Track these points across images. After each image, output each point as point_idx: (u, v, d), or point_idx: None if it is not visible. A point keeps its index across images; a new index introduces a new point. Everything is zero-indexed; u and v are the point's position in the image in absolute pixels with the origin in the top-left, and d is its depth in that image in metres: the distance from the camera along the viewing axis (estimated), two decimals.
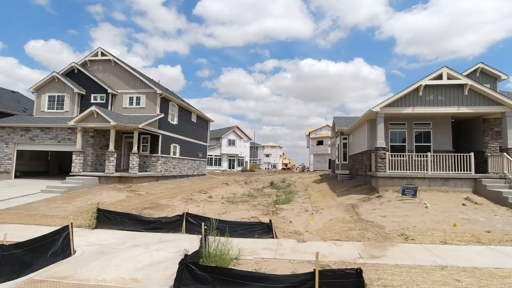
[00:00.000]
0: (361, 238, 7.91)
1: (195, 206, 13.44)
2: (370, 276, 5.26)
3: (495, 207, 10.61)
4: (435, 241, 7.60)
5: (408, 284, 4.93)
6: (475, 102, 12.56)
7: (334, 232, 8.47)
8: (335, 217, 10.30)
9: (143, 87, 19.12)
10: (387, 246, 7.22)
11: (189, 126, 24.27)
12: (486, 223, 9.10)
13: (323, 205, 12.58)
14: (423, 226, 8.88)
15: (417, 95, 12.81)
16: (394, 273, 5.40)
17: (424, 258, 6.23)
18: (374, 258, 6.28)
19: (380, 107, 12.78)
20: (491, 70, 14.88)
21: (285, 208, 12.07)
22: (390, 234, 8.22)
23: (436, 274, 5.35)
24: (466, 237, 7.91)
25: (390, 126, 14.39)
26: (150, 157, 19.13)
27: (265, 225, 8.12)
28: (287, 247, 7.12)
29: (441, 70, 12.60)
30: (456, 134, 16.15)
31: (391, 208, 10.84)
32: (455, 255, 6.42)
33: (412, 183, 12.56)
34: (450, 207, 10.70)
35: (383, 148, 12.86)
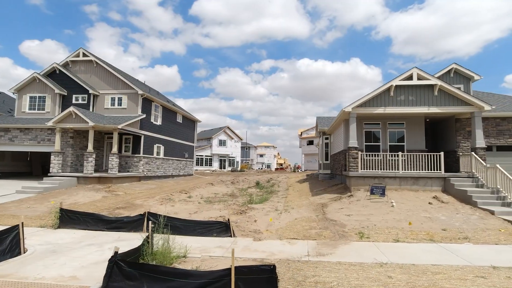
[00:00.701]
0: (318, 236, 8.03)
1: (170, 206, 13.54)
2: (307, 273, 5.39)
3: (460, 206, 10.77)
4: (388, 239, 7.73)
5: (340, 280, 5.05)
6: (445, 102, 12.72)
7: (294, 231, 8.59)
8: (302, 216, 10.42)
9: (124, 87, 19.19)
10: (340, 244, 7.35)
11: (174, 126, 24.34)
12: (446, 221, 9.25)
13: (295, 205, 12.71)
14: (383, 225, 9.02)
15: (388, 95, 12.97)
16: (332, 270, 5.52)
17: (369, 255, 6.36)
18: (320, 256, 6.39)
19: (352, 107, 12.92)
20: (464, 71, 15.05)
21: (256, 208, 12.18)
22: (348, 233, 8.35)
23: (372, 271, 5.48)
24: (421, 235, 8.05)
25: (365, 126, 14.54)
26: (132, 158, 19.19)
27: (223, 224, 8.22)
28: (240, 246, 7.22)
29: (411, 70, 12.76)
30: (433, 133, 16.35)
31: (358, 207, 10.98)
32: (400, 253, 6.56)
33: (383, 182, 12.71)
34: (416, 206, 10.86)
35: (355, 148, 13.00)
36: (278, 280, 4.10)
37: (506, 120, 13.74)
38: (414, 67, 12.79)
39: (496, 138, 13.78)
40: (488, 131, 13.87)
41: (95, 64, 19.67)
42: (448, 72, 15.32)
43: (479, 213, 9.86)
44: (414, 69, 12.76)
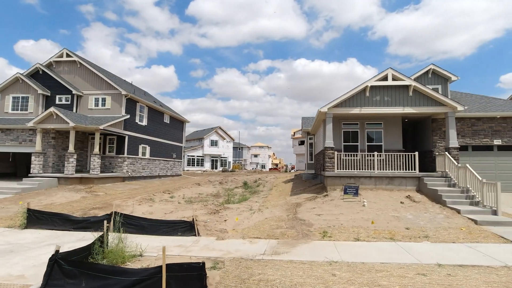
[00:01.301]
0: (281, 236, 8.11)
1: (148, 206, 13.58)
2: (254, 271, 5.47)
3: (430, 205, 10.90)
4: (350, 238, 7.82)
5: (283, 278, 5.14)
6: (419, 103, 12.85)
7: (260, 231, 8.66)
8: (273, 216, 10.50)
9: (108, 88, 19.21)
10: (300, 243, 7.43)
11: (161, 127, 24.37)
12: (412, 220, 9.36)
13: (270, 204, 12.79)
14: (350, 224, 9.11)
15: (364, 95, 13.08)
16: (280, 269, 5.60)
17: (323, 254, 6.44)
18: (275, 255, 6.47)
19: (328, 108, 13.02)
20: (442, 72, 15.20)
21: (232, 208, 12.26)
22: (312, 232, 8.44)
23: (319, 269, 5.56)
24: (384, 234, 8.15)
25: (343, 126, 14.64)
26: (116, 158, 19.21)
27: (188, 223, 8.30)
28: (201, 245, 7.30)
29: (387, 71, 12.89)
30: (412, 134, 16.50)
31: (330, 207, 11.07)
32: (355, 252, 6.65)
33: (359, 182, 12.83)
34: (387, 206, 10.97)
35: (332, 148, 13.10)
36: (207, 277, 4.18)
37: (481, 120, 13.89)
38: (389, 67, 12.91)
39: (471, 138, 13.93)
40: (464, 131, 14.02)
41: (78, 65, 19.68)
42: (426, 73, 15.47)
43: (446, 212, 9.98)
44: (389, 69, 12.88)
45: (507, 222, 8.71)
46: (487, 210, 9.57)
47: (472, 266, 5.65)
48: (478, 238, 7.62)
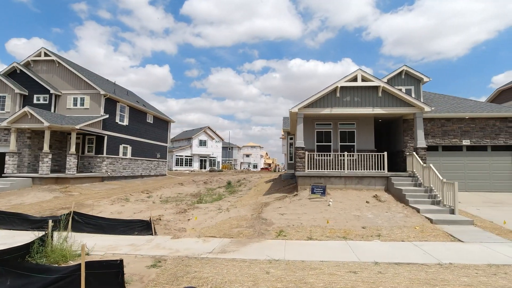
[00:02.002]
0: (237, 235, 8.19)
1: (120, 205, 13.59)
2: (191, 269, 5.54)
3: (394, 204, 11.05)
4: (303, 237, 7.92)
5: (216, 276, 5.22)
6: (388, 103, 13.02)
7: (218, 230, 8.74)
8: (238, 215, 10.57)
9: (87, 87, 19.15)
10: (252, 242, 7.51)
11: (143, 127, 24.34)
12: (371, 219, 9.49)
13: (241, 204, 12.87)
14: (309, 223, 9.21)
15: (335, 96, 13.21)
16: (218, 267, 5.67)
17: (268, 253, 6.51)
18: (222, 253, 6.55)
19: (298, 108, 13.14)
20: (414, 73, 15.40)
21: (201, 207, 12.32)
22: (269, 231, 8.52)
23: (256, 267, 5.65)
24: (339, 233, 8.27)
25: (317, 126, 14.77)
26: (95, 158, 19.16)
27: (145, 222, 8.35)
28: (153, 244, 7.35)
29: (356, 72, 13.04)
30: (386, 134, 16.69)
31: (296, 206, 11.18)
32: (302, 250, 6.74)
33: (329, 181, 12.97)
34: (352, 205, 11.10)
35: (302, 148, 13.22)
36: (124, 274, 4.25)
37: (450, 121, 14.11)
38: (359, 69, 13.07)
39: (441, 138, 14.14)
40: (434, 132, 14.22)
41: (57, 64, 19.58)
42: (400, 74, 15.66)
43: (407, 211, 10.14)
44: (358, 70, 13.03)
45: (461, 221, 8.88)
46: (446, 209, 9.75)
47: (407, 264, 5.77)
48: (428, 237, 7.76)
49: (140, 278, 5.24)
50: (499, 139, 13.86)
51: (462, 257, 6.10)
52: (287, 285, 4.82)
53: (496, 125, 13.92)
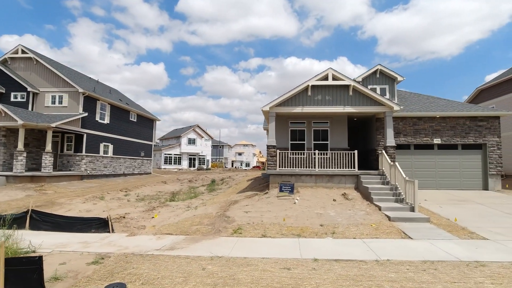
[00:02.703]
0: (194, 232, 8.25)
1: (92, 204, 13.59)
2: (131, 266, 5.58)
3: (360, 202, 11.17)
4: (258, 234, 8.00)
5: (152, 272, 5.27)
6: (359, 102, 13.12)
7: (178, 227, 8.78)
8: (204, 213, 10.62)
9: (65, 85, 19.05)
10: (205, 239, 7.57)
11: (126, 125, 24.27)
12: (332, 217, 9.59)
13: (212, 202, 12.93)
14: (270, 221, 9.29)
15: (306, 94, 13.29)
16: (157, 263, 5.72)
17: (215, 250, 6.55)
18: (169, 250, 6.60)
19: (269, 107, 13.20)
20: (389, 72, 15.54)
21: (171, 205, 12.37)
22: (227, 228, 8.59)
23: (196, 264, 5.70)
24: (295, 230, 8.34)
25: (291, 125, 14.85)
26: (74, 156, 19.09)
27: (102, 220, 8.38)
28: (106, 241, 7.38)
29: (327, 71, 13.12)
30: (361, 132, 16.83)
31: (263, 204, 11.26)
32: (250, 247, 6.81)
33: (300, 180, 13.07)
34: (318, 203, 11.20)
35: (274, 146, 13.29)
36: (43, 270, 4.29)
37: (422, 119, 14.26)
38: (330, 67, 13.15)
39: (413, 137, 14.29)
40: (406, 130, 14.36)
41: (35, 62, 19.43)
42: (375, 73, 15.79)
43: (369, 209, 10.26)
44: (329, 69, 13.12)
45: (418, 219, 9.01)
46: (407, 207, 9.88)
47: (346, 261, 5.86)
48: (381, 234, 7.88)
49: (76, 274, 5.27)
50: (469, 138, 14.05)
51: (403, 254, 6.20)
52: (216, 281, 4.88)
53: (466, 124, 14.10)
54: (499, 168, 13.89)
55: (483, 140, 14.00)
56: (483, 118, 14.07)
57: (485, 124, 14.04)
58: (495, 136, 13.98)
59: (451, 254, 6.13)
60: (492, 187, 13.80)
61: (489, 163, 13.87)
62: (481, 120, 14.08)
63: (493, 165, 13.86)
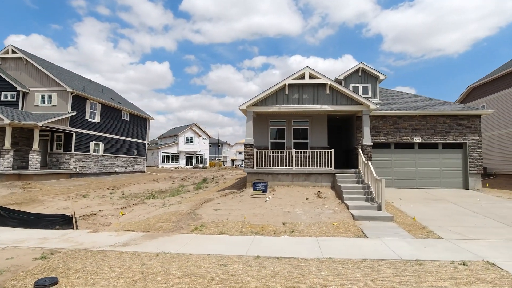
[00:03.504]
0: (157, 229, 8.39)
1: (72, 201, 13.84)
2: (73, 261, 5.73)
3: (331, 201, 11.18)
4: (216, 231, 8.09)
5: (92, 267, 5.42)
6: (336, 101, 13.12)
7: (142, 224, 8.92)
8: (175, 210, 10.75)
9: (54, 85, 19.36)
10: (164, 236, 7.70)
11: (118, 124, 24.55)
12: (298, 216, 9.63)
13: (189, 200, 13.06)
14: (235, 219, 9.37)
15: (283, 93, 13.33)
16: (101, 259, 5.86)
17: (167, 246, 6.68)
18: (122, 246, 6.74)
19: (246, 105, 13.27)
20: (370, 70, 15.48)
21: (146, 203, 12.55)
22: (190, 226, 8.70)
23: (138, 259, 5.82)
24: (255, 228, 8.42)
25: (271, 124, 14.90)
26: (64, 155, 19.41)
27: (67, 217, 8.57)
28: (65, 237, 7.56)
29: (304, 70, 13.13)
30: (343, 131, 16.80)
31: (235, 203, 11.35)
32: (202, 244, 6.91)
33: (277, 178, 13.13)
34: (290, 201, 11.24)
35: (251, 144, 13.37)
36: None
37: (402, 118, 14.17)
38: (306, 66, 13.16)
39: (393, 135, 14.22)
40: (386, 129, 14.30)
41: (25, 62, 19.79)
42: (357, 71, 15.74)
43: (338, 208, 10.28)
44: (306, 68, 13.13)
45: (382, 218, 9.01)
46: (375, 206, 9.89)
47: (288, 258, 5.91)
48: (338, 233, 7.91)
49: (17, 269, 5.42)
50: (449, 137, 13.93)
51: (348, 252, 6.24)
52: (147, 275, 4.99)
53: (446, 123, 13.98)
54: (480, 167, 13.76)
55: (463, 139, 13.88)
56: (463, 117, 13.94)
57: (466, 123, 13.91)
58: (475, 135, 13.84)
59: (395, 253, 6.14)
60: (473, 186, 13.68)
61: (469, 162, 13.75)
62: (462, 118, 13.95)
63: (474, 164, 13.74)
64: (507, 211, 9.82)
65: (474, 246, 6.56)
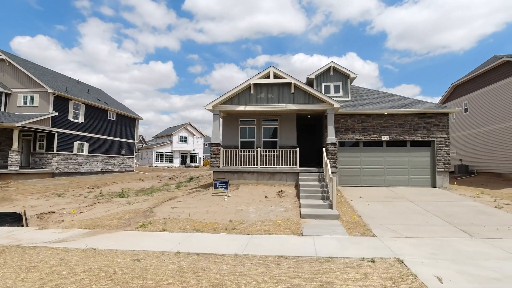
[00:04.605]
0: (104, 226, 8.58)
1: (44, 200, 14.14)
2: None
3: (289, 199, 11.28)
4: (159, 229, 8.26)
5: (10, 262, 5.63)
6: (301, 100, 13.20)
7: (93, 222, 9.13)
8: (135, 208, 10.96)
9: (36, 86, 19.75)
10: (106, 233, 7.89)
11: (104, 124, 24.91)
12: (248, 213, 9.74)
13: (155, 198, 13.26)
14: (185, 217, 9.51)
15: (249, 93, 13.45)
16: (29, 254, 6.10)
17: (102, 242, 6.88)
18: (57, 243, 6.96)
19: (212, 105, 13.42)
20: (341, 69, 15.50)
21: (113, 201, 12.81)
22: (139, 223, 8.87)
23: (60, 255, 6.03)
24: (198, 226, 8.56)
25: (241, 123, 15.01)
26: (46, 155, 19.80)
27: (17, 215, 8.82)
28: (9, 234, 7.78)
29: (268, 69, 13.23)
30: (318, 130, 16.85)
31: (195, 201, 11.52)
32: (134, 240, 7.10)
33: (242, 177, 13.28)
34: (248, 200, 11.37)
35: (217, 144, 13.52)
36: None
37: (370, 116, 14.17)
38: (271, 66, 13.26)
39: (361, 134, 14.22)
40: (355, 127, 14.30)
41: (7, 63, 20.22)
42: (328, 70, 15.78)
43: (292, 206, 10.38)
44: (270, 67, 13.23)
45: (329, 216, 9.10)
46: (327, 204, 9.97)
47: (206, 254, 6.05)
48: (277, 231, 8.00)
49: None
50: (417, 135, 13.90)
51: (269, 249, 6.35)
52: (57, 270, 5.19)
53: (414, 121, 13.95)
54: (447, 165, 13.71)
55: (431, 137, 13.84)
56: (431, 115, 13.90)
57: (434, 121, 13.87)
58: (443, 133, 13.80)
59: (316, 251, 6.24)
60: (440, 184, 13.65)
61: (437, 160, 13.71)
62: (430, 117, 13.91)
63: (441, 162, 13.70)
64: (459, 210, 9.83)
65: (400, 244, 6.62)
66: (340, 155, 14.25)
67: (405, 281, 4.64)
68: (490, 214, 9.30)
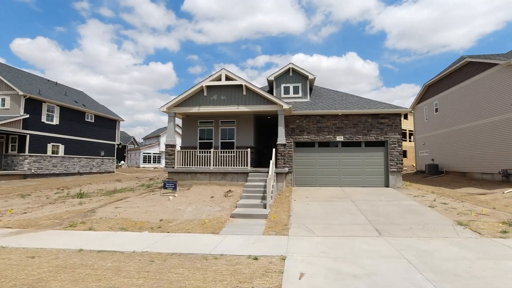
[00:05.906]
0: (35, 226, 8.79)
1: (3, 201, 14.39)
2: None
3: (232, 199, 11.43)
4: (86, 228, 8.46)
5: None
6: (252, 102, 13.38)
7: (28, 221, 9.31)
8: (79, 209, 11.16)
9: (7, 89, 20.06)
10: (31, 232, 8.08)
11: (81, 126, 25.20)
12: (184, 213, 9.94)
13: (109, 199, 13.46)
14: (124, 216, 9.70)
15: (202, 95, 13.65)
16: None
17: (19, 241, 7.07)
18: None
19: (166, 107, 13.63)
20: (300, 70, 15.68)
21: (66, 202, 12.97)
22: (71, 223, 9.07)
23: None
24: (127, 225, 8.74)
25: (200, 124, 15.22)
26: (18, 156, 20.09)
27: None
28: None
29: (220, 72, 13.43)
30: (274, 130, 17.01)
31: (141, 201, 11.72)
32: (50, 239, 7.31)
33: (196, 177, 13.49)
34: (193, 200, 11.55)
35: (172, 145, 13.74)
36: None
37: (325, 117, 14.32)
38: (223, 68, 13.46)
39: (316, 134, 14.38)
40: (310, 128, 14.47)
41: None
42: (288, 71, 15.96)
43: (230, 206, 10.55)
44: (222, 70, 13.42)
45: (258, 215, 9.27)
46: (262, 204, 10.14)
47: (107, 251, 6.24)
48: (198, 229, 8.18)
49: None
50: (371, 135, 14.04)
51: (171, 247, 6.54)
52: None
53: (368, 122, 14.09)
54: (400, 165, 13.84)
55: (384, 138, 13.98)
56: (384, 116, 14.04)
57: (387, 121, 14.01)
58: (396, 133, 13.94)
59: (216, 248, 6.41)
60: (393, 184, 13.78)
61: (390, 160, 13.84)
62: (383, 117, 14.05)
63: (394, 162, 13.83)
64: (392, 209, 9.98)
65: (302, 243, 6.79)
66: (296, 156, 14.43)
67: (265, 277, 4.81)
68: (418, 213, 9.44)
